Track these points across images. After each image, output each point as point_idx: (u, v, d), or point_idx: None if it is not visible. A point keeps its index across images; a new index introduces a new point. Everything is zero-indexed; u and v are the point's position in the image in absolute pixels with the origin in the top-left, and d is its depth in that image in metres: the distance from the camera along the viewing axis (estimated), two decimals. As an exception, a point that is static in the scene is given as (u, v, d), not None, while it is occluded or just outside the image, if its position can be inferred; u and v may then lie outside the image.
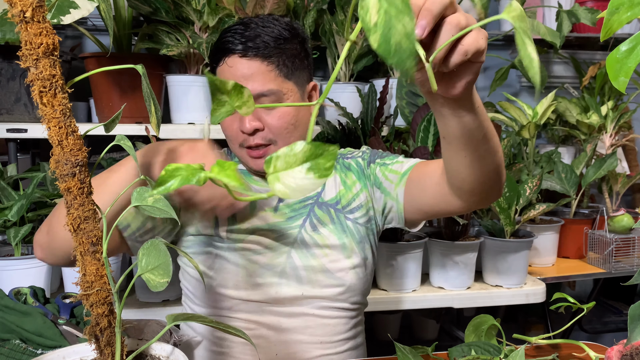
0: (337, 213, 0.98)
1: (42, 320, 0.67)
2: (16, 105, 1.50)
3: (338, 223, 0.98)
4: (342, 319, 0.99)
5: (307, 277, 0.95)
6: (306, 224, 0.97)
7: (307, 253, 0.96)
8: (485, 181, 0.79)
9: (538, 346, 0.93)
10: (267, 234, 0.96)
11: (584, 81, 2.07)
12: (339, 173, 1.03)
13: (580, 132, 1.93)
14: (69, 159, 0.51)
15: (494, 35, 2.20)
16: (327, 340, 0.98)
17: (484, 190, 0.81)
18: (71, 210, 0.52)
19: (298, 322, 0.96)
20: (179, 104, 1.57)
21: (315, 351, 0.97)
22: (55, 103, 0.50)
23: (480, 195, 0.83)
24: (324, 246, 0.96)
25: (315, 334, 0.97)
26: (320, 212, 0.98)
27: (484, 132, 0.72)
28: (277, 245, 0.95)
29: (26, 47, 0.48)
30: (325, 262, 0.96)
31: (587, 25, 2.19)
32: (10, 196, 1.26)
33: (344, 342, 1.00)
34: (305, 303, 0.96)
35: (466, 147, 0.73)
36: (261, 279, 0.94)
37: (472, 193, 0.82)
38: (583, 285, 2.40)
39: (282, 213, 0.98)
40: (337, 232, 0.97)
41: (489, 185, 0.81)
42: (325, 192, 1.01)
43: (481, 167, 0.76)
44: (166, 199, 0.55)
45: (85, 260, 0.54)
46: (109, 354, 0.56)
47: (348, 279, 0.97)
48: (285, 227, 0.97)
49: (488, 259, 1.49)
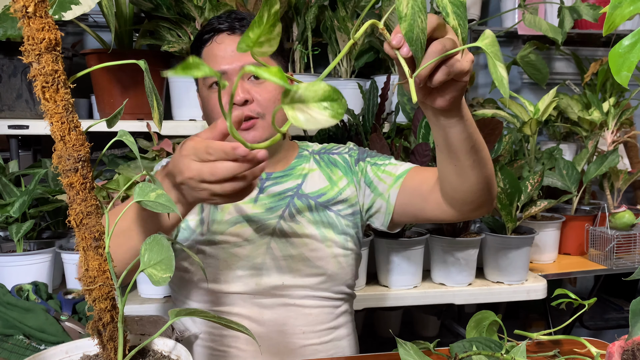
0: (318, 205, 1.00)
1: (44, 316, 0.68)
2: (18, 101, 1.50)
3: (316, 214, 0.99)
4: (324, 309, 1.00)
5: (287, 267, 0.97)
6: (285, 214, 0.98)
7: (286, 243, 0.97)
8: (475, 191, 0.84)
9: (539, 342, 0.93)
10: (246, 225, 0.97)
11: (585, 78, 2.06)
12: (323, 169, 1.04)
13: (582, 129, 1.92)
14: (72, 154, 0.51)
15: (496, 31, 2.19)
16: (310, 330, 0.99)
17: (475, 200, 0.86)
18: (74, 205, 0.53)
19: (280, 312, 0.97)
20: (181, 100, 1.57)
21: (298, 341, 0.98)
22: (57, 98, 0.50)
23: (472, 205, 0.87)
24: (303, 235, 0.98)
25: (297, 324, 0.98)
26: (299, 203, 1.00)
27: (472, 144, 0.77)
28: (256, 237, 0.97)
29: (28, 42, 0.48)
30: (305, 251, 0.97)
31: (589, 22, 2.18)
32: (12, 192, 1.26)
33: (328, 332, 1.01)
34: (286, 293, 0.97)
35: (456, 156, 0.79)
36: (241, 271, 0.96)
37: (463, 202, 0.87)
38: (584, 282, 2.40)
39: (262, 204, 0.99)
40: (316, 222, 0.99)
41: (479, 195, 0.85)
42: (306, 184, 1.02)
43: (470, 177, 0.81)
44: None
45: (87, 256, 0.54)
46: (111, 348, 0.56)
47: (329, 268, 0.98)
48: (264, 217, 0.98)
49: (489, 256, 1.49)
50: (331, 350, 1.01)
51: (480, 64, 2.43)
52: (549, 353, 0.85)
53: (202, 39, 0.97)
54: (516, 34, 2.20)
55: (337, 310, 1.03)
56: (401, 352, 0.79)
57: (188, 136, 1.65)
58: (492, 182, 0.85)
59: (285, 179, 1.02)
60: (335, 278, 1.00)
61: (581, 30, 2.18)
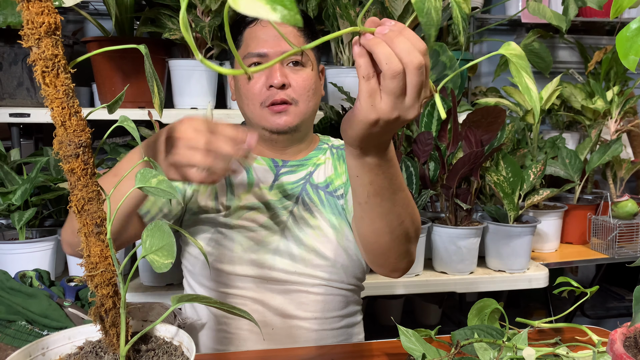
0: (327, 195, 1.01)
1: (47, 302, 0.68)
2: (18, 89, 1.50)
3: (327, 205, 1.00)
4: (336, 297, 1.01)
5: (300, 256, 0.98)
6: (299, 203, 1.00)
7: (299, 232, 0.98)
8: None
9: (541, 330, 0.93)
10: (262, 211, 0.99)
11: (589, 66, 2.05)
12: (333, 160, 1.05)
13: (585, 118, 1.91)
14: (73, 139, 0.51)
15: (499, 19, 2.18)
16: (322, 317, 1.00)
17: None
18: (75, 191, 0.52)
19: (292, 298, 0.98)
20: (182, 88, 1.57)
21: (310, 326, 0.99)
22: (58, 83, 0.49)
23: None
24: (315, 226, 0.99)
25: (309, 309, 0.99)
26: (311, 192, 1.01)
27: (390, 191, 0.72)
28: (271, 223, 0.98)
29: (28, 26, 0.47)
30: (317, 243, 0.98)
31: (593, 10, 2.16)
32: (13, 180, 1.26)
33: (339, 319, 1.02)
34: (299, 280, 0.98)
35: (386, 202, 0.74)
36: (255, 255, 0.97)
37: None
38: (585, 271, 2.41)
39: (277, 192, 1.00)
40: (327, 214, 0.99)
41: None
42: (317, 173, 1.03)
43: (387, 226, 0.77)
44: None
45: (89, 242, 0.54)
46: (113, 334, 0.57)
47: (339, 260, 0.99)
48: (279, 205, 0.99)
49: (491, 244, 1.49)
50: (341, 336, 1.03)
51: (483, 53, 2.41)
52: (550, 340, 0.85)
53: (245, 19, 0.98)
54: (519, 22, 2.18)
55: (347, 299, 1.04)
56: (403, 339, 0.79)
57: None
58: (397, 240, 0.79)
59: (300, 168, 1.03)
60: (346, 270, 1.00)
61: (585, 18, 2.16)
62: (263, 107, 0.96)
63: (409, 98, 0.57)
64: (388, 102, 0.56)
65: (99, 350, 0.59)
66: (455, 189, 1.38)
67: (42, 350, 0.58)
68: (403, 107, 0.57)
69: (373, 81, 0.56)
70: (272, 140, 1.01)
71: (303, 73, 0.97)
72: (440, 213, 1.58)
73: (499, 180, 1.43)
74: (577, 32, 2.29)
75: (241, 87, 0.98)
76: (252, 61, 0.97)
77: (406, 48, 0.54)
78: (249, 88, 0.96)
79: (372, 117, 0.58)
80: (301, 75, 0.97)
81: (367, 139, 0.62)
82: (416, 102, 0.57)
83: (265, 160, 1.03)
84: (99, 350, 0.59)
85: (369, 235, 0.80)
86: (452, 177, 1.34)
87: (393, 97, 0.56)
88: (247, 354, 0.90)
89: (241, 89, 0.98)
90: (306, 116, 0.98)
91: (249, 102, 0.97)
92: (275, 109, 0.95)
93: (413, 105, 0.57)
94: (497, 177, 1.44)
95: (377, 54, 0.54)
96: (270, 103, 0.95)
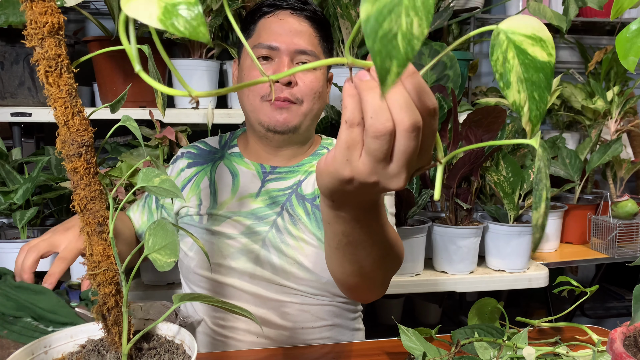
0: (314, 208, 0.97)
1: (55, 299, 0.68)
2: (20, 89, 1.50)
3: (313, 218, 0.96)
4: (323, 306, 0.98)
5: (281, 267, 0.94)
6: (283, 212, 0.96)
7: (280, 243, 0.95)
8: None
9: (541, 329, 0.94)
10: (244, 219, 0.96)
11: (589, 66, 2.05)
12: None
13: (585, 118, 1.92)
14: (75, 139, 0.51)
15: (499, 19, 2.18)
16: (309, 326, 0.97)
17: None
18: (77, 190, 0.53)
19: (276, 307, 0.96)
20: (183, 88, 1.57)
21: (298, 336, 0.97)
22: (61, 83, 0.50)
23: None
24: (299, 238, 0.95)
25: (295, 319, 0.96)
26: (296, 203, 0.97)
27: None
28: (252, 232, 0.95)
29: (31, 26, 0.48)
30: (300, 256, 0.94)
31: (593, 10, 2.17)
32: (15, 180, 1.26)
33: (329, 328, 0.99)
34: (281, 292, 0.95)
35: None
36: (235, 263, 0.95)
37: None
38: (585, 271, 2.41)
39: (262, 199, 0.97)
40: (312, 227, 0.96)
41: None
42: (306, 183, 0.99)
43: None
44: None
45: (92, 241, 0.54)
46: (116, 332, 0.57)
47: (324, 275, 0.95)
48: (262, 214, 0.96)
49: (491, 244, 1.49)
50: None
51: (483, 53, 2.41)
52: (550, 340, 0.85)
53: (262, 9, 0.96)
54: (520, 22, 2.18)
55: (339, 309, 1.00)
56: (403, 338, 0.80)
57: (191, 124, 1.62)
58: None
59: (290, 175, 0.99)
60: (332, 284, 0.95)
61: (586, 19, 2.16)
62: (263, 101, 0.93)
63: (394, 165, 0.43)
64: (366, 163, 0.43)
65: (101, 349, 0.59)
66: (455, 189, 1.38)
67: (45, 348, 0.58)
68: (385, 174, 0.44)
69: (356, 131, 0.43)
70: (267, 139, 0.97)
71: (312, 74, 0.94)
72: (441, 213, 1.58)
73: (499, 180, 1.44)
74: (578, 32, 2.29)
75: (244, 76, 0.95)
76: (262, 53, 0.93)
77: (402, 102, 0.40)
78: (251, 78, 0.93)
79: (345, 174, 0.45)
80: (309, 76, 0.94)
81: (339, 195, 0.50)
82: (403, 171, 0.43)
83: (255, 166, 1.00)
84: (101, 349, 0.59)
85: (336, 274, 0.71)
86: (453, 176, 1.34)
87: (373, 159, 0.43)
88: (247, 353, 0.90)
89: (243, 79, 0.95)
90: (307, 118, 0.95)
91: (250, 93, 0.94)
92: (277, 104, 0.92)
93: (398, 174, 0.44)
94: (498, 177, 1.44)
95: (364, 102, 0.41)
96: (272, 98, 0.92)
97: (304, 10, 0.95)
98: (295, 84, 0.93)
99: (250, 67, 0.94)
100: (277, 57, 0.93)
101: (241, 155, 1.03)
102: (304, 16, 0.95)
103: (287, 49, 0.92)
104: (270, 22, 0.94)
